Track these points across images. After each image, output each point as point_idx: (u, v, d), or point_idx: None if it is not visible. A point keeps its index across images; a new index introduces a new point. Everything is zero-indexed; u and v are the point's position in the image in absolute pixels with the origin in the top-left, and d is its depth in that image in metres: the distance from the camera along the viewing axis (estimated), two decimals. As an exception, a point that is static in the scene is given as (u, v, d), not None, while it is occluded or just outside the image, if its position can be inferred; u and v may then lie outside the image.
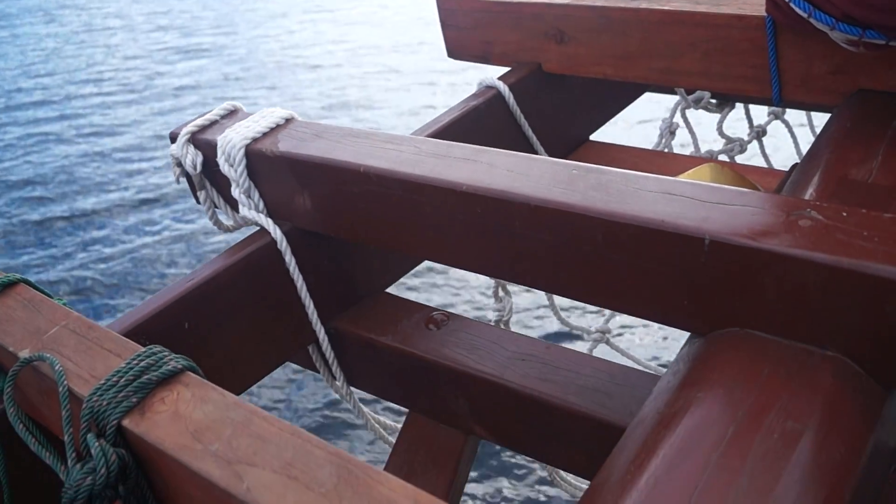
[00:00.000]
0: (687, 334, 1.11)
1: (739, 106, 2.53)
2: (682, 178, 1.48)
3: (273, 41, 11.63)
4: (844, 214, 0.95)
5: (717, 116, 2.39)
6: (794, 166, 1.45)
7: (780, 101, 1.57)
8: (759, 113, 2.65)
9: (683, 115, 2.37)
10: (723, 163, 1.99)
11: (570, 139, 2.04)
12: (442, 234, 1.25)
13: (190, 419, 0.89)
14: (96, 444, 0.89)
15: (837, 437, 0.87)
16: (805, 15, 1.23)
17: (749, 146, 2.48)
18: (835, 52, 1.47)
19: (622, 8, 1.69)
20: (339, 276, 1.57)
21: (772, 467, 0.83)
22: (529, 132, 1.83)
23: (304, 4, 13.33)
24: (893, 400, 0.96)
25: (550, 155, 1.91)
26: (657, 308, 1.08)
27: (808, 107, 2.19)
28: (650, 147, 2.29)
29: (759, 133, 2.50)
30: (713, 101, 2.35)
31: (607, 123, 2.22)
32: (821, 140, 1.40)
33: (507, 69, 1.91)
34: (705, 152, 2.36)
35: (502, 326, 1.92)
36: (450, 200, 1.19)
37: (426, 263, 1.73)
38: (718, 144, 2.46)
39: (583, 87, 2.02)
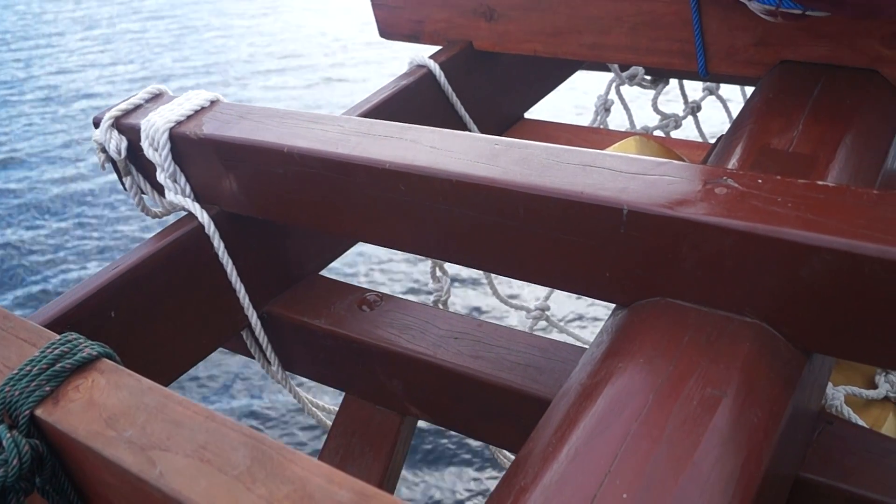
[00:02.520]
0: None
1: (675, 82, 2.56)
2: (606, 151, 1.48)
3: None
4: (760, 181, 0.96)
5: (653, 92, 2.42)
6: (720, 138, 1.46)
7: (706, 73, 1.58)
8: (695, 88, 2.68)
9: (618, 92, 2.38)
10: (649, 136, 2.00)
11: (503, 117, 2.03)
12: (368, 214, 1.24)
13: (104, 406, 0.87)
14: (7, 435, 0.87)
15: (756, 402, 0.88)
16: None
17: (684, 121, 2.50)
18: (757, 25, 1.48)
19: None
20: (272, 260, 1.55)
21: (691, 434, 0.84)
22: (462, 111, 1.83)
23: None
24: (813, 363, 0.98)
25: (484, 133, 1.90)
26: (580, 280, 1.08)
27: (734, 79, 2.21)
28: (586, 124, 2.30)
29: (693, 108, 2.52)
30: (647, 77, 2.37)
31: (547, 100, 2.23)
32: (744, 111, 1.41)
33: (439, 48, 1.90)
34: (641, 128, 2.38)
35: (441, 306, 1.92)
36: (373, 179, 1.18)
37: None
38: (655, 120, 2.48)
39: (516, 65, 2.01)
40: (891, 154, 1.37)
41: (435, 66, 1.78)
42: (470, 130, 1.86)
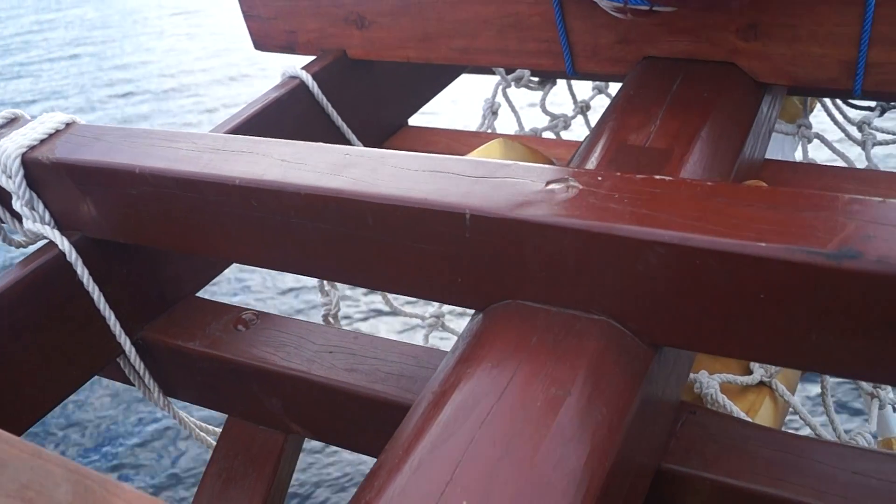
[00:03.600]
0: None
1: (563, 82, 2.58)
2: (472, 155, 1.48)
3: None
4: (600, 179, 0.96)
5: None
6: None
7: (574, 73, 1.60)
8: (586, 87, 2.71)
9: (504, 95, 2.39)
10: (515, 137, 2.01)
11: (385, 125, 2.02)
12: (227, 232, 1.21)
13: None
14: None
15: (600, 399, 0.88)
16: None
17: (573, 121, 2.52)
18: (619, 23, 1.49)
19: None
20: (144, 284, 1.51)
21: (533, 436, 0.83)
22: (339, 121, 1.80)
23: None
24: (664, 356, 0.98)
25: (365, 143, 1.89)
26: (435, 287, 1.07)
27: (601, 77, 2.24)
28: (474, 128, 2.30)
29: (583, 108, 2.55)
30: (534, 78, 2.38)
31: (450, 105, 2.22)
32: (608, 109, 1.43)
33: (314, 58, 1.88)
34: (529, 130, 2.39)
35: (331, 320, 1.90)
36: (225, 196, 1.15)
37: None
38: (545, 121, 2.49)
39: (395, 72, 2.00)
40: (748, 143, 1.39)
41: (307, 77, 1.75)
42: (349, 141, 1.84)
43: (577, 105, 2.54)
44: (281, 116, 1.72)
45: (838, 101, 2.40)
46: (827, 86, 1.44)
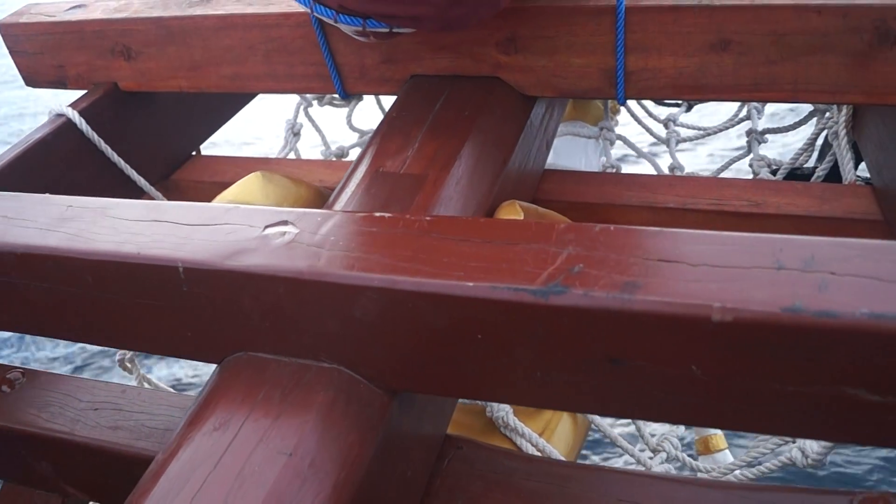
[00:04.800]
0: None
1: (372, 98, 2.53)
2: (226, 193, 1.42)
3: None
4: (318, 220, 0.91)
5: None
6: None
7: (345, 95, 1.55)
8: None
9: (307, 114, 2.33)
10: (285, 162, 1.95)
11: (172, 156, 1.92)
12: None
13: None
14: None
15: (326, 456, 0.83)
16: (307, 8, 1.19)
17: None
18: (382, 42, 1.46)
19: (179, 17, 1.60)
20: None
21: (249, 499, 0.78)
22: (115, 157, 1.70)
23: None
24: (405, 401, 0.94)
25: (149, 177, 1.79)
26: (170, 343, 1.00)
27: (359, 99, 2.21)
28: (276, 152, 2.23)
29: None
30: (336, 96, 2.32)
31: (249, 126, 2.14)
32: (374, 133, 1.39)
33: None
34: (336, 148, 2.34)
35: (127, 364, 1.80)
36: None
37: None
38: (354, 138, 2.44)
39: (180, 100, 1.91)
40: (515, 158, 1.38)
41: (74, 114, 1.65)
42: (129, 177, 1.74)
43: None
44: (48, 158, 1.61)
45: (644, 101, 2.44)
46: (592, 95, 1.44)
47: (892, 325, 0.67)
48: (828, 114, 1.83)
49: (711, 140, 3.14)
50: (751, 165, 1.96)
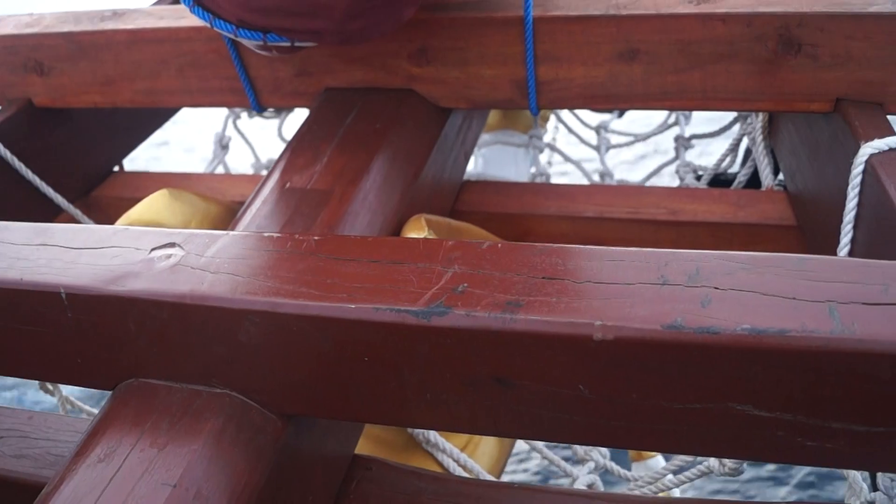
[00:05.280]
0: None
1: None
2: (131, 212, 1.39)
3: None
4: (206, 241, 0.89)
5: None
6: None
7: (259, 108, 1.53)
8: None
9: (235, 126, 2.30)
10: (210, 175, 1.92)
11: (90, 173, 1.88)
12: None
13: None
14: None
15: (213, 485, 0.81)
16: (207, 23, 1.17)
17: None
18: (295, 55, 1.44)
19: (90, 31, 1.56)
20: None
21: None
22: (30, 175, 1.66)
23: None
24: (299, 425, 0.92)
25: (69, 195, 1.75)
26: (62, 370, 0.97)
27: (289, 110, 2.19)
28: (204, 166, 2.20)
29: None
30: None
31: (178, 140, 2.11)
32: (285, 147, 1.37)
33: None
34: (266, 162, 2.31)
35: (49, 386, 1.75)
36: None
37: None
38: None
39: (99, 115, 1.87)
40: (427, 171, 1.37)
41: None
42: (45, 194, 1.70)
43: None
44: None
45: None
46: (505, 106, 1.43)
47: (772, 341, 0.66)
48: (749, 119, 1.85)
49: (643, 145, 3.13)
50: (677, 171, 1.97)
